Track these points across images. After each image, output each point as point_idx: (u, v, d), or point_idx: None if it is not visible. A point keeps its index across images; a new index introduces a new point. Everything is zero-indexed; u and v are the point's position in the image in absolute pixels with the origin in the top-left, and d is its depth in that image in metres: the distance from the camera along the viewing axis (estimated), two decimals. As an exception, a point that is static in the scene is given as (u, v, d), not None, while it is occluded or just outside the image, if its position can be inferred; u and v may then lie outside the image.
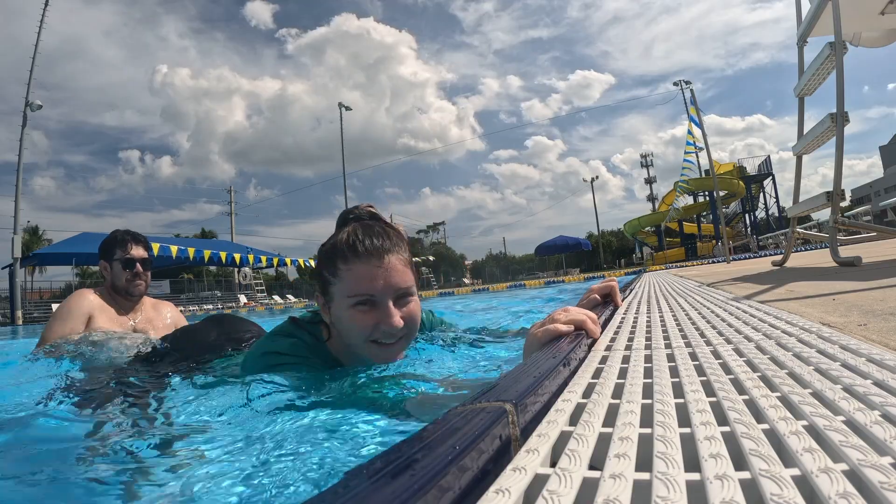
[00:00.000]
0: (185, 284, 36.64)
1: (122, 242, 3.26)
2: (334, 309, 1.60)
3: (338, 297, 1.57)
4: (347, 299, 1.54)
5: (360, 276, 1.53)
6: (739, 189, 36.66)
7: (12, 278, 22.63)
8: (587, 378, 0.79)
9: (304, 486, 0.95)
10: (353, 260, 1.54)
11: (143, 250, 3.34)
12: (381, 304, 1.54)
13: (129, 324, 3.23)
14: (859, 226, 4.27)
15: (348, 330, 1.56)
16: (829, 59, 3.71)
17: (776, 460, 0.43)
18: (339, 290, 1.56)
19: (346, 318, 1.55)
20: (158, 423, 1.57)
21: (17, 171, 24.02)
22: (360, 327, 1.54)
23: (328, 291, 1.61)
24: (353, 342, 1.59)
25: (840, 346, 0.87)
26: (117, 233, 3.33)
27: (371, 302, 1.54)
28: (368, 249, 1.55)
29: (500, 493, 0.41)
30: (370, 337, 1.55)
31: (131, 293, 3.24)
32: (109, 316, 3.14)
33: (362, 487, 0.38)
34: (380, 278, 1.54)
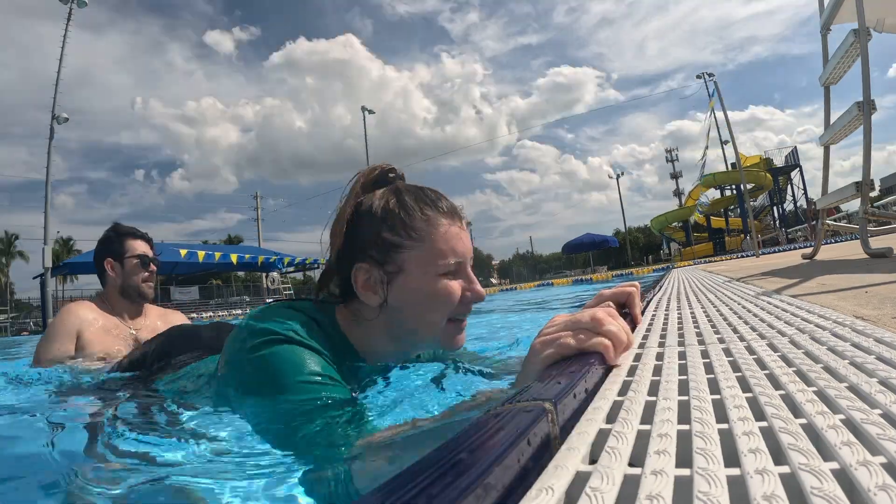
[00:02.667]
0: (214, 290, 36.96)
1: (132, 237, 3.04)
2: (406, 282, 1.28)
3: (416, 266, 1.27)
4: (435, 266, 1.27)
5: (451, 237, 1.29)
6: (767, 182, 36.20)
7: (43, 287, 22.95)
8: (622, 376, 0.80)
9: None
10: (439, 218, 1.30)
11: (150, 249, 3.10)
12: (466, 270, 1.32)
13: (128, 332, 2.96)
14: (890, 216, 4.20)
15: (431, 306, 1.29)
16: (853, 47, 3.65)
17: (815, 454, 0.44)
18: (419, 257, 1.27)
19: (430, 292, 1.27)
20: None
21: (46, 183, 24.35)
22: (448, 300, 1.28)
23: (392, 260, 1.28)
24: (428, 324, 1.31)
25: (875, 339, 0.87)
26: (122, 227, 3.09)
27: (457, 269, 1.30)
28: (451, 208, 1.34)
29: (544, 491, 0.42)
30: (454, 313, 1.31)
31: (144, 295, 3.02)
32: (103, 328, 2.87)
33: (410, 486, 0.39)
34: (465, 241, 1.33)
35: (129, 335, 2.94)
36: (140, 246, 3.03)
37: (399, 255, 1.27)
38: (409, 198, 1.31)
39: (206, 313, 23.56)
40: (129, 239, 3.02)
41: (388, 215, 1.29)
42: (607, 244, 41.30)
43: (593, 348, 0.89)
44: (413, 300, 1.29)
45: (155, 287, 3.14)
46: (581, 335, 0.91)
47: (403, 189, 1.34)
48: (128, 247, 3.00)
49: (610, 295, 1.34)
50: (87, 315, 2.86)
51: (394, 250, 1.27)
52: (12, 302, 52.12)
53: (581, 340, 0.90)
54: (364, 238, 1.30)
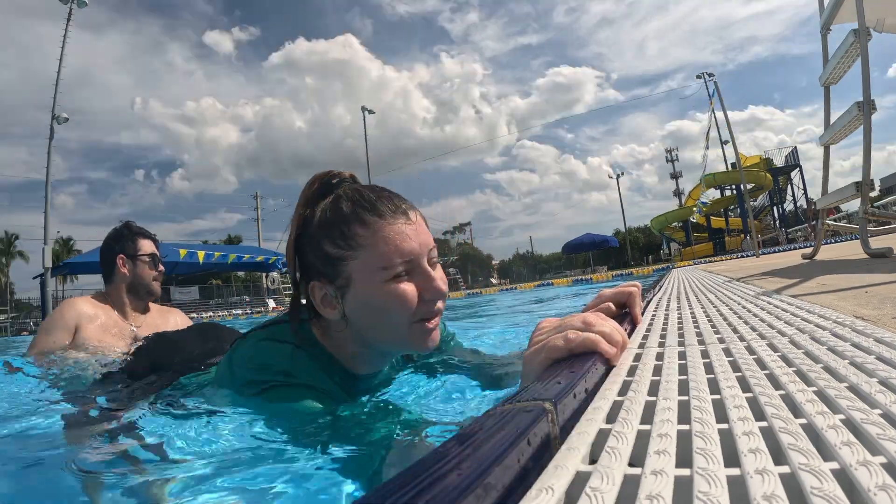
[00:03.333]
0: (214, 290, 37.00)
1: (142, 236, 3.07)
2: (356, 294, 1.24)
3: (362, 276, 1.22)
4: (381, 273, 1.21)
5: (391, 239, 1.22)
6: (767, 182, 36.23)
7: (43, 287, 22.94)
8: (622, 376, 0.80)
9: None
10: (377, 221, 1.23)
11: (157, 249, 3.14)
12: (420, 268, 1.25)
13: (129, 329, 2.97)
14: (890, 216, 4.21)
15: (386, 315, 1.24)
16: (853, 47, 3.66)
17: (815, 454, 0.44)
18: (363, 266, 1.22)
19: (381, 300, 1.22)
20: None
21: (46, 183, 24.34)
22: (404, 306, 1.22)
23: (339, 273, 1.24)
24: (391, 331, 1.27)
25: (875, 339, 0.87)
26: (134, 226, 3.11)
27: (409, 269, 1.24)
28: (392, 206, 1.26)
29: (544, 491, 0.42)
30: (416, 316, 1.24)
31: (153, 292, 3.07)
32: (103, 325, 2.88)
33: (410, 486, 0.39)
34: (413, 237, 1.25)
35: (130, 332, 2.94)
36: (150, 245, 3.08)
37: (344, 268, 1.24)
38: (346, 204, 1.26)
39: (206, 313, 23.59)
40: (141, 238, 3.06)
41: (326, 227, 1.26)
42: (607, 244, 41.31)
43: (583, 347, 0.86)
44: (367, 310, 1.25)
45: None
46: (570, 335, 0.88)
47: (343, 195, 1.28)
48: (140, 245, 3.03)
49: (611, 295, 1.32)
50: (87, 310, 2.88)
51: (338, 263, 1.24)
52: (12, 302, 52.14)
53: (569, 341, 0.87)
54: (311, 255, 1.29)
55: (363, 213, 1.23)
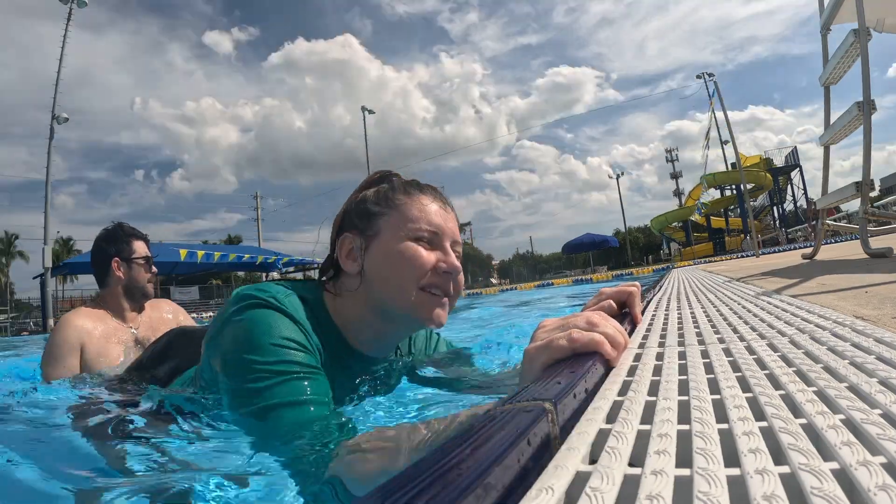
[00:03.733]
0: (214, 290, 36.98)
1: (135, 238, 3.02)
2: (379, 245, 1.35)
3: (390, 230, 1.35)
4: (407, 228, 1.34)
5: (425, 209, 1.37)
6: (767, 182, 36.26)
7: (43, 287, 23.00)
8: (622, 376, 0.80)
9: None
10: (418, 193, 1.40)
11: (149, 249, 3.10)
12: (442, 244, 1.37)
13: (129, 331, 2.94)
14: (890, 216, 4.21)
15: (400, 269, 1.32)
16: (853, 47, 3.66)
17: (815, 454, 0.44)
18: (394, 221, 1.35)
19: (399, 253, 1.32)
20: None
21: (46, 183, 24.40)
22: (418, 264, 1.31)
23: (372, 226, 1.37)
24: (399, 290, 1.32)
25: (875, 339, 0.87)
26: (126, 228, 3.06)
27: (433, 240, 1.36)
28: (434, 194, 1.44)
29: (544, 491, 0.42)
30: (424, 281, 1.32)
31: (148, 294, 3.03)
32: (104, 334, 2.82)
33: (410, 486, 0.39)
34: (443, 219, 1.39)
35: (130, 335, 2.91)
36: (144, 247, 3.04)
37: (378, 221, 1.36)
38: (398, 181, 1.45)
39: (206, 313, 23.55)
40: (135, 240, 3.01)
41: (375, 193, 1.41)
42: (607, 244, 41.32)
43: (587, 348, 0.86)
44: (384, 262, 1.33)
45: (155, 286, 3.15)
46: (574, 335, 0.87)
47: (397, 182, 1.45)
48: (135, 248, 2.99)
49: (611, 294, 1.32)
50: (86, 324, 2.80)
51: (374, 218, 1.37)
52: (12, 302, 52.08)
53: (573, 340, 0.86)
54: (353, 213, 1.41)
55: (408, 187, 1.42)
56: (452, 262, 1.35)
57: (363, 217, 1.39)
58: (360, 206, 1.41)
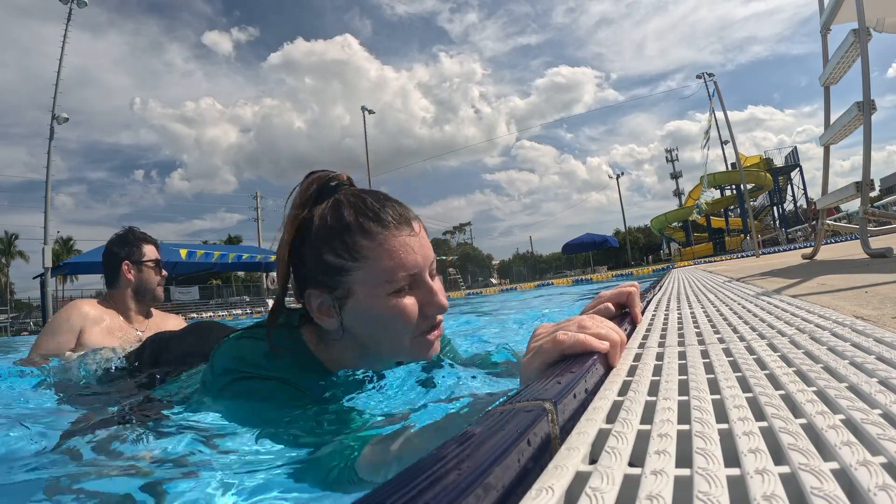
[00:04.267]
0: (214, 290, 36.97)
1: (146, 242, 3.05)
2: (356, 306, 1.21)
3: (363, 289, 1.19)
4: (384, 286, 1.18)
5: (396, 252, 1.19)
6: (767, 182, 36.29)
7: (43, 287, 22.96)
8: (622, 376, 0.80)
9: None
10: (382, 232, 1.19)
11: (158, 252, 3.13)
12: (423, 282, 1.23)
13: (135, 333, 2.93)
14: (890, 216, 4.20)
15: (387, 329, 1.22)
16: (853, 47, 3.65)
17: (815, 454, 0.44)
18: (366, 278, 1.18)
19: (383, 314, 1.20)
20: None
21: (46, 183, 24.38)
22: (406, 320, 1.20)
23: (339, 284, 1.20)
24: (391, 344, 1.25)
25: (875, 339, 0.87)
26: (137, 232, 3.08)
27: (412, 283, 1.22)
28: (397, 217, 1.22)
29: (544, 491, 0.42)
30: (417, 330, 1.23)
31: (158, 297, 3.08)
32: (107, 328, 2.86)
33: (410, 486, 0.39)
34: (417, 250, 1.22)
35: (136, 336, 2.91)
36: (154, 251, 3.08)
37: (345, 279, 1.20)
38: (349, 212, 1.21)
39: (206, 313, 23.56)
40: (145, 244, 3.05)
41: (327, 236, 1.20)
42: (607, 244, 41.27)
43: (573, 349, 0.85)
44: (368, 323, 1.23)
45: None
46: (559, 337, 0.86)
47: (344, 202, 1.23)
48: (145, 251, 3.03)
49: (609, 296, 1.29)
50: (92, 312, 2.85)
51: (339, 274, 1.20)
52: (12, 302, 52.17)
53: (558, 342, 0.86)
54: (308, 262, 1.24)
55: (367, 223, 1.19)
56: (438, 302, 1.24)
57: (325, 273, 1.22)
58: (317, 257, 1.22)
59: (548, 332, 0.92)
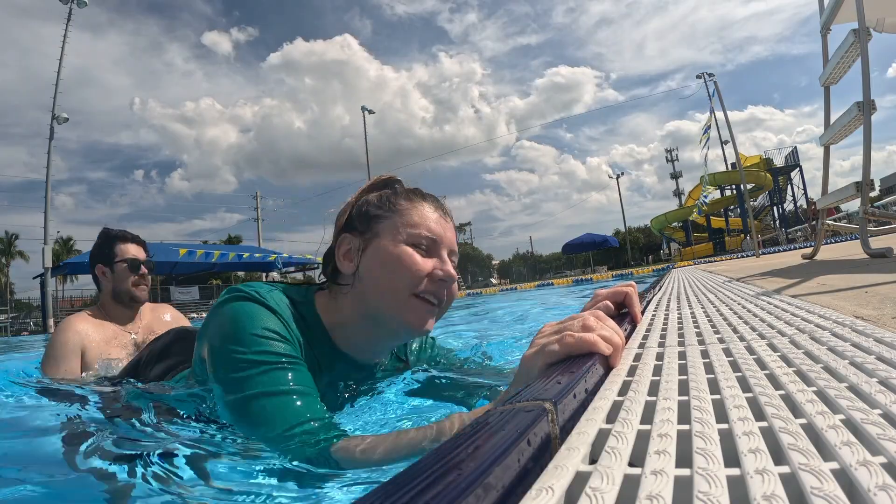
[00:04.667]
0: (214, 290, 36.95)
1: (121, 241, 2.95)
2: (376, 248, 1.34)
3: (389, 233, 1.34)
4: (406, 233, 1.33)
5: (425, 216, 1.37)
6: (767, 182, 36.29)
7: (43, 287, 22.99)
8: (622, 376, 0.80)
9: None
10: (420, 200, 1.41)
11: (143, 251, 3.03)
12: (439, 251, 1.36)
13: (129, 337, 2.90)
14: (890, 216, 4.20)
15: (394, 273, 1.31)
16: (853, 47, 3.65)
17: (815, 454, 0.44)
18: (393, 225, 1.35)
19: (395, 257, 1.31)
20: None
21: (46, 183, 24.40)
22: (413, 270, 1.30)
23: (371, 228, 1.37)
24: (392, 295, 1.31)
25: (875, 339, 0.87)
26: (112, 231, 2.99)
27: (430, 247, 1.35)
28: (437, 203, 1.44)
29: (544, 491, 0.42)
30: (417, 287, 1.31)
31: (136, 298, 2.93)
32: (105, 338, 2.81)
33: (410, 486, 0.39)
34: (443, 228, 1.39)
35: (130, 340, 2.90)
36: (130, 249, 2.97)
37: (377, 224, 1.36)
38: (401, 187, 1.47)
39: (206, 313, 23.50)
40: (119, 243, 2.96)
41: (379, 197, 1.42)
42: (607, 244, 41.24)
43: (579, 350, 0.86)
44: (379, 266, 1.33)
45: (153, 288, 3.13)
46: (566, 339, 0.87)
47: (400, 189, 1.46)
48: (117, 251, 2.94)
49: (606, 295, 1.29)
50: (86, 328, 2.80)
51: (374, 220, 1.37)
52: (12, 302, 52.08)
53: (565, 344, 0.87)
54: (355, 215, 1.41)
55: (411, 194, 1.42)
56: (448, 270, 1.34)
57: (363, 219, 1.39)
58: (362, 208, 1.41)
59: (554, 332, 0.92)
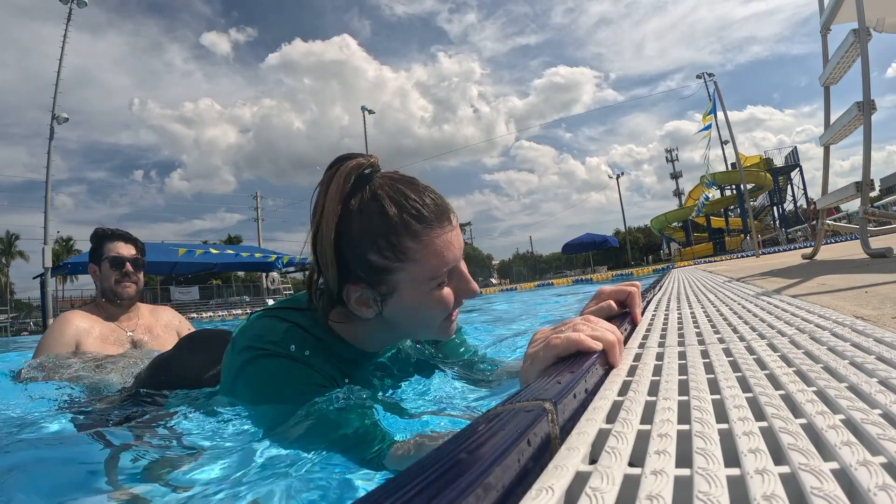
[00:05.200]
0: (214, 290, 36.95)
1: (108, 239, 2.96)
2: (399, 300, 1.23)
3: (409, 286, 1.20)
4: (429, 283, 1.21)
5: (439, 250, 1.19)
6: (767, 181, 36.30)
7: (43, 287, 22.98)
8: (622, 376, 0.80)
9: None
10: (427, 231, 1.19)
11: (134, 249, 3.01)
12: (459, 271, 1.27)
13: (125, 335, 2.91)
14: (890, 216, 4.20)
15: (427, 314, 1.25)
16: (853, 47, 3.65)
17: (815, 454, 0.44)
18: (412, 277, 1.19)
19: (426, 306, 1.23)
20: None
21: (46, 183, 24.38)
22: (445, 309, 1.25)
23: (384, 282, 1.21)
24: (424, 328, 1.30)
25: (875, 339, 0.87)
26: (101, 230, 3.00)
27: (451, 273, 1.25)
28: (437, 212, 1.22)
29: (544, 491, 0.42)
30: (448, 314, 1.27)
31: (120, 296, 2.91)
32: (101, 334, 2.83)
33: (410, 486, 0.39)
34: (456, 244, 1.24)
35: (126, 338, 2.91)
36: (117, 247, 2.97)
37: (391, 278, 1.20)
38: (392, 209, 1.17)
39: (206, 313, 23.55)
40: (107, 241, 2.97)
41: (372, 235, 1.18)
42: (607, 244, 41.22)
43: (567, 350, 0.86)
44: (408, 314, 1.25)
45: (152, 288, 3.14)
46: (552, 342, 0.87)
47: (384, 196, 1.19)
48: (104, 249, 2.95)
49: (610, 293, 1.28)
50: (83, 324, 2.83)
51: (384, 273, 1.19)
52: (12, 302, 52.11)
53: (552, 347, 0.87)
54: (349, 257, 1.21)
55: (412, 224, 1.17)
56: (472, 289, 1.28)
57: (368, 271, 1.20)
58: (360, 254, 1.19)
59: (543, 338, 0.92)
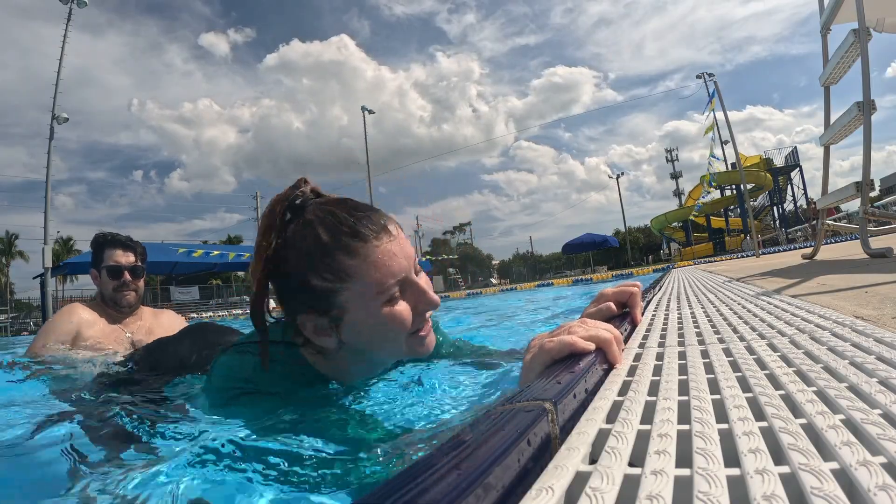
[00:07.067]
0: (214, 290, 36.96)
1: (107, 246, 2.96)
2: (352, 322, 1.20)
3: (357, 305, 1.18)
4: (376, 298, 1.17)
5: (381, 263, 1.16)
6: (767, 182, 36.30)
7: (43, 287, 22.92)
8: (622, 376, 0.80)
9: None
10: (364, 246, 1.16)
11: (133, 256, 2.99)
12: (411, 283, 1.22)
13: (125, 335, 2.92)
14: (890, 216, 4.20)
15: (385, 336, 1.21)
16: (853, 47, 3.65)
17: (815, 454, 0.44)
18: (357, 295, 1.16)
19: (380, 324, 1.19)
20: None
21: (46, 183, 24.33)
22: (402, 325, 1.20)
23: (332, 305, 1.18)
24: (389, 347, 1.26)
25: (874, 339, 0.87)
26: (101, 236, 3.01)
27: (401, 287, 1.20)
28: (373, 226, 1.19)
29: (544, 491, 0.42)
30: (409, 331, 1.22)
31: (118, 304, 2.93)
32: (101, 331, 2.86)
33: (410, 486, 0.39)
34: (399, 254, 1.20)
35: (126, 338, 2.92)
36: (116, 255, 2.96)
37: (336, 299, 1.18)
38: (324, 232, 1.16)
39: (206, 313, 23.56)
40: (107, 248, 2.97)
41: (308, 262, 1.17)
42: (607, 244, 41.19)
43: (560, 353, 0.86)
44: (366, 334, 1.22)
45: (152, 288, 3.15)
46: (546, 346, 0.87)
47: (315, 220, 1.18)
48: (103, 256, 2.95)
49: (611, 294, 1.28)
50: (86, 316, 2.86)
51: (329, 296, 1.17)
52: (12, 302, 52.11)
53: (546, 351, 0.87)
54: (293, 289, 1.21)
55: (346, 241, 1.16)
56: (429, 299, 1.24)
57: (315, 298, 1.19)
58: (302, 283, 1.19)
59: (538, 344, 0.92)
